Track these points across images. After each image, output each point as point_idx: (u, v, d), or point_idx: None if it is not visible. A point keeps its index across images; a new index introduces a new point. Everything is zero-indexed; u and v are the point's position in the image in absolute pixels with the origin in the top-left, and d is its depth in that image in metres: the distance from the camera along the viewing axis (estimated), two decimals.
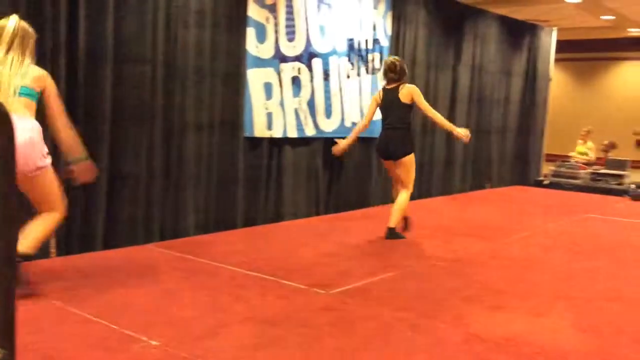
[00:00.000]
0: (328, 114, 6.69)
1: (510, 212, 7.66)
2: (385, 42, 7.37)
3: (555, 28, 10.80)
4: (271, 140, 6.13)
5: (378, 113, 5.69)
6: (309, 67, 6.41)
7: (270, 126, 6.06)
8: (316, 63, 6.48)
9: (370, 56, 7.19)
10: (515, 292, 4.10)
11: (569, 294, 4.08)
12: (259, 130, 5.96)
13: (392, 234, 5.46)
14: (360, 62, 7.07)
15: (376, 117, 5.77)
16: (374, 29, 7.20)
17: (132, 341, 2.93)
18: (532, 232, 6.32)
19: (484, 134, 9.43)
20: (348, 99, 6.93)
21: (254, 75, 5.86)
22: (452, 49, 8.58)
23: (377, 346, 3.04)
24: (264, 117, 6.00)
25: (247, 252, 4.90)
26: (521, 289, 4.17)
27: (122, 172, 4.83)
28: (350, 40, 6.89)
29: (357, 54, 7.00)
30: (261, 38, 5.90)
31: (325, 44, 6.57)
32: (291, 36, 6.19)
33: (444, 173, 8.70)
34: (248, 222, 5.91)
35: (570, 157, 11.06)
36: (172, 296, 3.66)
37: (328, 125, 6.70)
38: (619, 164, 10.19)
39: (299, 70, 6.30)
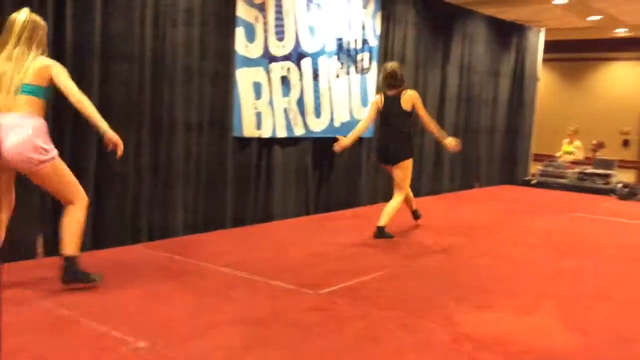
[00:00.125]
0: (317, 113, 6.69)
1: (498, 211, 7.70)
2: (375, 42, 7.38)
3: (543, 28, 10.86)
4: (260, 140, 6.12)
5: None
6: (298, 67, 6.40)
7: (259, 126, 6.05)
8: (305, 63, 6.48)
9: (359, 56, 7.19)
10: (504, 291, 4.12)
11: (556, 293, 4.11)
12: (248, 130, 5.95)
13: (381, 233, 5.49)
14: (350, 62, 7.07)
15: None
16: (363, 28, 7.20)
17: (120, 342, 2.92)
18: (520, 231, 6.36)
19: (473, 134, 9.47)
20: (337, 98, 6.93)
21: (243, 75, 5.85)
22: (441, 49, 8.61)
23: (366, 346, 3.04)
24: (253, 117, 5.98)
25: (236, 252, 4.89)
26: (509, 288, 4.20)
27: (110, 171, 4.79)
28: (340, 40, 6.90)
29: (346, 53, 7.01)
30: (250, 37, 5.88)
31: (315, 44, 6.57)
32: (280, 36, 6.18)
33: (433, 173, 8.73)
34: (237, 222, 5.90)
35: (557, 156, 11.10)
36: (160, 297, 3.65)
37: (317, 125, 6.70)
38: (606, 163, 10.26)
39: (288, 69, 6.29)
